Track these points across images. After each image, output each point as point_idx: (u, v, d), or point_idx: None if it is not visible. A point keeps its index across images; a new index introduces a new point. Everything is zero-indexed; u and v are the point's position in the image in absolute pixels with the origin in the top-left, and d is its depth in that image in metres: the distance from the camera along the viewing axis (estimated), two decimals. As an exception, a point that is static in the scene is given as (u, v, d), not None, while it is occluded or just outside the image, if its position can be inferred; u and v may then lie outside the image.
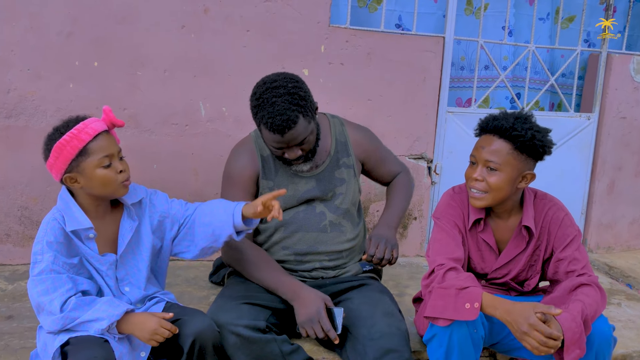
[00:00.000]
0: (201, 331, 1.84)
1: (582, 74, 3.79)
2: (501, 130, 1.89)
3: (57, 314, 1.76)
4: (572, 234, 2.01)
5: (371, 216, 3.36)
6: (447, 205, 2.08)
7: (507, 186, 1.93)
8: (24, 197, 2.87)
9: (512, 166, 1.90)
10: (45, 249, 1.81)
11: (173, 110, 2.97)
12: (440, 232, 2.03)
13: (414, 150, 3.35)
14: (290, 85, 2.04)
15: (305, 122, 2.06)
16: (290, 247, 2.25)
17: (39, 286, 1.78)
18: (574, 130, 3.65)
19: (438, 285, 1.84)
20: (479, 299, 1.74)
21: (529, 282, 2.12)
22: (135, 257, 2.00)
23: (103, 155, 1.82)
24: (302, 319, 2.03)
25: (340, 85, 3.16)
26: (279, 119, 1.99)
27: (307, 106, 2.06)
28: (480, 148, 1.95)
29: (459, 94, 3.77)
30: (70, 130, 1.80)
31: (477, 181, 1.95)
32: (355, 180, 2.33)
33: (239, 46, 2.98)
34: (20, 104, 2.79)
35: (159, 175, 2.99)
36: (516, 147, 1.89)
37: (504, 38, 3.49)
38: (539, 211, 2.05)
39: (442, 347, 1.85)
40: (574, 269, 1.97)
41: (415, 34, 3.26)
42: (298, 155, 2.12)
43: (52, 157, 1.81)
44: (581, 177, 3.75)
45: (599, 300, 1.87)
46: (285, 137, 2.04)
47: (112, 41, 2.84)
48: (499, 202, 1.98)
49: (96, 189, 1.86)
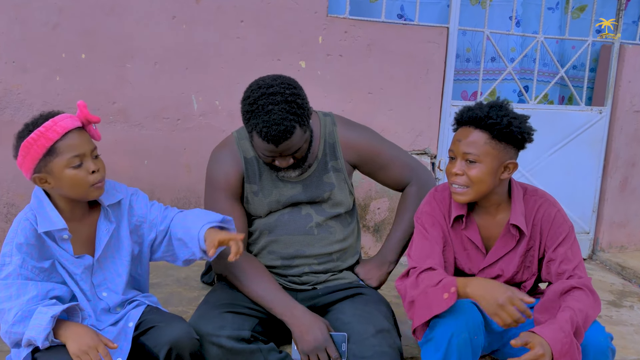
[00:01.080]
0: (178, 339, 1.75)
1: (593, 66, 3.68)
2: (476, 120, 1.82)
3: (7, 325, 1.67)
4: (564, 232, 1.92)
5: (372, 214, 3.26)
6: (426, 204, 2.02)
7: (488, 178, 1.85)
8: (9, 194, 2.80)
9: (491, 156, 1.83)
10: (14, 251, 1.72)
11: (164, 104, 2.89)
12: (419, 233, 1.97)
13: (416, 146, 3.25)
14: (288, 92, 1.91)
15: (301, 132, 1.94)
16: (276, 251, 2.14)
17: (3, 292, 1.70)
18: (585, 124, 3.52)
19: (413, 292, 1.80)
20: (455, 284, 1.73)
21: (526, 285, 2.03)
22: (115, 261, 1.91)
23: (73, 155, 1.71)
24: (307, 346, 1.92)
25: (339, 78, 3.06)
26: (274, 129, 1.87)
27: (304, 115, 1.95)
28: (457, 141, 1.88)
29: (464, 86, 3.66)
30: (38, 127, 1.70)
31: (457, 176, 1.88)
32: (346, 184, 2.19)
33: (233, 37, 2.90)
34: (5, 98, 2.72)
35: (150, 172, 2.92)
36: (493, 136, 1.82)
37: (511, 28, 3.38)
38: (530, 208, 1.96)
39: (439, 351, 1.77)
40: (565, 269, 1.88)
41: (417, 25, 3.16)
42: (290, 164, 2.01)
43: (20, 156, 1.72)
44: (592, 174, 3.63)
45: (591, 304, 1.79)
46: (279, 148, 1.93)
47: (100, 32, 2.76)
48: (482, 195, 1.90)
49: (66, 190, 1.76)
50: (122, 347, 1.78)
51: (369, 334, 1.91)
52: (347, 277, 2.19)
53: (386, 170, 2.25)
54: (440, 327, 1.79)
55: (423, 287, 1.77)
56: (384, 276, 2.23)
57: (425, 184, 2.27)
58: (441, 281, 1.75)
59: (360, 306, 2.03)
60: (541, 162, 3.47)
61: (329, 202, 2.16)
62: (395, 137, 3.07)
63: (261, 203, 2.13)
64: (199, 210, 1.97)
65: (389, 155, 2.24)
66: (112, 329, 1.83)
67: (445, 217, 1.99)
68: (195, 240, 1.86)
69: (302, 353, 1.93)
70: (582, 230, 3.67)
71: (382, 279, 2.22)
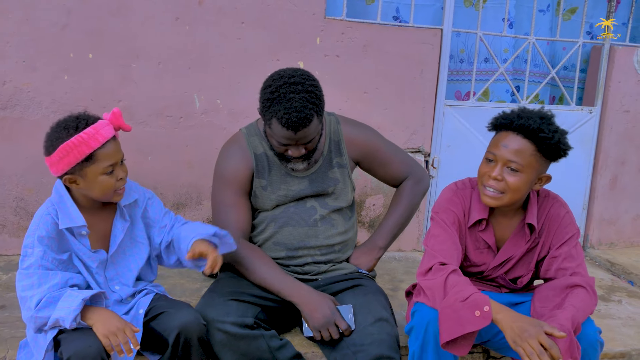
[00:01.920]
0: (186, 324, 1.82)
1: (584, 67, 3.74)
2: (527, 130, 1.79)
3: (31, 311, 1.75)
4: (570, 232, 1.96)
5: (367, 210, 3.34)
6: (448, 201, 2.00)
7: (525, 188, 1.85)
8: (19, 188, 2.88)
9: (533, 168, 1.82)
10: (36, 243, 1.80)
11: (167, 103, 2.97)
12: (438, 227, 1.98)
13: (411, 144, 3.32)
14: (308, 83, 2.01)
15: (317, 122, 2.03)
16: (281, 242, 2.22)
17: (25, 280, 1.78)
18: (576, 124, 3.59)
19: (443, 305, 1.77)
20: (488, 303, 1.70)
21: (522, 280, 2.08)
22: (127, 257, 2.00)
23: (109, 163, 1.81)
24: (318, 322, 2.01)
25: (336, 77, 3.13)
26: (295, 116, 1.95)
27: (321, 106, 2.04)
28: (502, 146, 1.84)
29: (458, 87, 3.73)
30: (80, 133, 1.76)
31: (495, 180, 1.86)
32: (349, 180, 2.29)
33: (234, 38, 2.97)
34: (15, 96, 2.80)
35: (153, 168, 2.99)
36: (539, 149, 1.81)
37: (504, 30, 3.45)
38: (542, 209, 2.00)
39: (418, 339, 1.83)
40: (567, 266, 1.92)
41: (412, 26, 3.23)
42: (301, 154, 2.09)
43: (56, 156, 1.77)
44: (583, 172, 3.70)
45: (591, 304, 1.84)
46: (297, 135, 2.00)
47: (107, 33, 2.84)
48: (515, 203, 1.91)
49: (93, 193, 1.85)
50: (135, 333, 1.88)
51: (367, 322, 1.99)
52: (347, 267, 2.28)
53: (385, 167, 2.36)
54: (418, 316, 1.85)
55: (452, 300, 1.73)
56: (373, 262, 2.32)
57: (420, 179, 2.39)
58: (470, 297, 1.71)
59: (359, 297, 2.11)
60: (533, 160, 3.54)
61: (332, 196, 2.25)
62: (390, 136, 3.14)
63: (269, 197, 2.21)
64: (199, 224, 2.04)
65: (388, 152, 2.36)
66: (125, 317, 1.90)
67: (465, 215, 2.00)
68: (184, 249, 1.95)
69: (314, 329, 2.02)
70: (573, 227, 3.74)
71: (370, 265, 2.31)
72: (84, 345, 1.67)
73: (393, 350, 1.93)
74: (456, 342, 1.74)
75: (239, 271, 2.17)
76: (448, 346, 1.74)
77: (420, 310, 1.85)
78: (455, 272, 1.83)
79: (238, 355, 1.93)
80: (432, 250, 1.93)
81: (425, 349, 1.83)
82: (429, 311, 1.82)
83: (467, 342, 1.73)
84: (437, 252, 1.91)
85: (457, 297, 1.73)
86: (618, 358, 2.44)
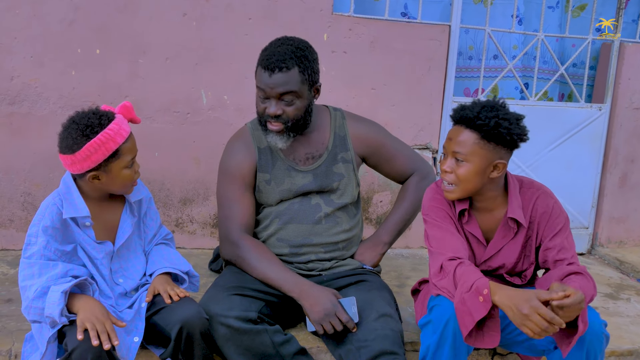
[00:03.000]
0: (188, 318, 1.82)
1: (593, 64, 3.71)
2: (467, 119, 1.84)
3: (28, 300, 1.76)
4: (561, 223, 1.97)
5: (374, 206, 3.33)
6: (431, 199, 2.03)
7: (475, 177, 1.88)
8: (26, 183, 2.90)
9: (479, 156, 1.85)
10: (40, 233, 1.81)
11: (174, 98, 2.97)
12: (432, 227, 1.98)
13: (418, 141, 3.31)
14: (302, 45, 2.10)
15: (298, 76, 2.04)
16: (285, 239, 2.22)
17: (26, 270, 1.79)
18: (585, 121, 3.57)
19: (455, 301, 1.77)
20: (487, 285, 1.70)
21: (526, 274, 2.08)
22: (130, 252, 2.02)
23: (131, 157, 1.85)
24: (318, 316, 2.00)
25: (343, 74, 3.13)
26: (274, 58, 2.02)
27: (307, 66, 2.07)
28: (448, 139, 1.91)
29: (467, 84, 3.72)
30: (105, 130, 1.77)
31: (446, 173, 1.91)
32: (354, 175, 2.28)
33: (241, 34, 2.97)
34: (23, 91, 2.81)
35: (160, 164, 3.00)
36: (482, 137, 1.84)
37: (513, 26, 3.43)
38: (527, 200, 1.99)
39: (435, 334, 1.82)
40: (562, 257, 1.93)
41: (420, 22, 3.22)
42: (277, 114, 2.07)
43: (82, 155, 1.76)
44: (592, 170, 3.67)
45: (590, 287, 1.83)
46: (272, 79, 2.03)
47: (114, 29, 2.85)
48: (469, 193, 1.93)
49: (114, 187, 1.88)
50: (138, 326, 1.88)
51: (371, 318, 1.98)
52: (351, 263, 2.28)
53: (391, 162, 2.35)
54: (438, 311, 1.83)
55: (459, 293, 1.75)
56: (377, 257, 2.32)
57: (426, 175, 2.39)
58: (473, 285, 1.72)
59: (363, 292, 2.10)
60: (541, 157, 3.53)
61: (337, 192, 2.24)
62: (397, 132, 3.13)
63: (273, 191, 2.21)
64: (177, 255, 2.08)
65: (394, 148, 2.36)
66: (129, 311, 1.92)
67: (451, 209, 2.01)
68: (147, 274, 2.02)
69: (315, 323, 2.00)
70: (581, 225, 3.72)
71: (374, 260, 2.31)
72: (87, 337, 1.67)
73: (397, 345, 1.92)
74: (482, 334, 1.73)
75: (241, 267, 2.17)
76: (474, 340, 1.74)
77: (440, 305, 1.83)
78: (461, 264, 1.83)
79: (241, 350, 1.92)
80: (435, 249, 1.93)
81: (442, 344, 1.81)
82: (450, 306, 1.80)
83: (494, 331, 1.73)
84: (440, 248, 1.91)
85: (463, 289, 1.75)
86: (626, 356, 2.42)
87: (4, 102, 2.80)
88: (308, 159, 2.24)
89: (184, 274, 2.02)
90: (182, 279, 2.04)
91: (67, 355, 1.67)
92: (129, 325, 1.86)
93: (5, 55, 2.77)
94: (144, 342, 1.97)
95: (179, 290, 1.92)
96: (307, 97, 2.11)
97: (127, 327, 1.85)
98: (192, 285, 2.08)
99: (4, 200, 2.89)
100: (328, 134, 2.26)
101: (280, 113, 2.08)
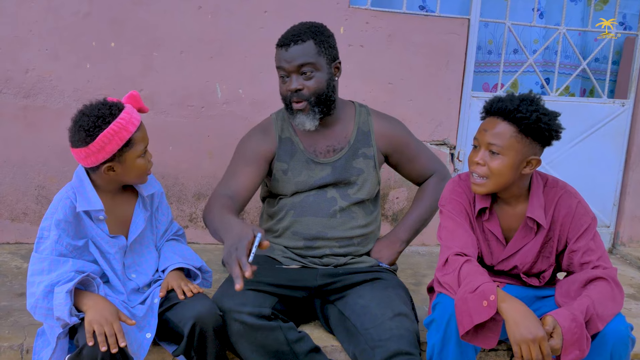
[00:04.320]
0: (201, 314, 1.80)
1: (616, 59, 3.63)
2: (505, 112, 1.79)
3: (34, 297, 1.74)
4: (586, 223, 1.90)
5: (390, 203, 3.29)
6: (452, 192, 1.99)
7: (509, 171, 1.83)
8: (40, 177, 2.90)
9: (515, 150, 1.81)
10: (53, 227, 1.80)
11: (189, 92, 2.96)
12: (447, 219, 1.96)
13: (436, 136, 3.26)
14: (316, 24, 2.13)
15: (314, 47, 2.06)
16: (299, 232, 2.19)
17: (37, 265, 1.77)
18: (607, 117, 3.49)
19: (456, 298, 1.75)
20: (494, 292, 1.67)
21: (544, 275, 2.03)
22: (143, 247, 2.00)
23: (144, 145, 1.84)
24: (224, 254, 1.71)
25: (360, 68, 3.09)
26: (289, 34, 2.07)
27: (323, 40, 2.09)
28: (483, 131, 1.85)
29: (486, 78, 3.66)
30: (117, 119, 1.76)
31: (478, 165, 1.86)
32: (375, 173, 2.25)
33: (256, 27, 2.94)
34: (38, 84, 2.81)
35: (174, 157, 2.99)
36: (520, 130, 1.79)
37: (534, 20, 3.36)
38: (550, 200, 1.94)
39: (439, 332, 1.79)
40: (588, 260, 1.86)
41: (438, 16, 3.17)
42: (297, 89, 2.07)
43: (96, 146, 1.75)
44: (614, 167, 3.59)
45: (614, 296, 1.77)
46: (289, 52, 2.05)
47: (129, 22, 2.84)
48: (500, 188, 1.88)
49: (129, 178, 1.87)
50: (151, 322, 1.86)
51: (386, 317, 1.94)
52: (367, 260, 2.24)
53: (413, 163, 2.34)
54: (440, 309, 1.81)
55: (462, 291, 1.72)
56: (394, 255, 2.29)
57: (444, 177, 2.38)
58: (479, 287, 1.70)
59: (378, 290, 2.07)
60: (562, 154, 3.46)
61: (355, 187, 2.22)
62: (415, 127, 3.09)
63: (289, 182, 2.19)
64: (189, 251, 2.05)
65: (416, 149, 2.35)
66: (142, 307, 1.90)
67: (470, 205, 1.97)
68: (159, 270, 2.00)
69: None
70: (603, 224, 3.65)
71: (391, 258, 2.28)
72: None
73: (413, 346, 1.88)
74: (480, 334, 1.71)
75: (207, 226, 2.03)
76: (470, 338, 1.72)
77: (442, 303, 1.81)
78: (468, 262, 1.81)
79: (255, 346, 1.90)
80: (445, 242, 1.91)
81: (447, 342, 1.78)
82: (452, 304, 1.77)
83: (492, 333, 1.70)
84: (449, 242, 1.89)
85: (467, 289, 1.72)
86: (649, 358, 2.36)
87: (19, 95, 2.80)
88: (329, 151, 2.21)
89: (196, 270, 2.00)
90: (194, 274, 2.02)
91: (78, 352, 1.66)
92: (141, 321, 1.84)
93: (20, 48, 2.76)
94: (156, 338, 1.95)
95: (193, 286, 1.90)
96: (327, 71, 2.12)
97: (139, 324, 1.83)
98: (204, 281, 2.06)
99: (18, 194, 2.89)
100: (351, 128, 2.24)
101: (300, 87, 2.08)
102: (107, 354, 1.64)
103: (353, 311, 2.03)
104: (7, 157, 2.85)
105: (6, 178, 2.87)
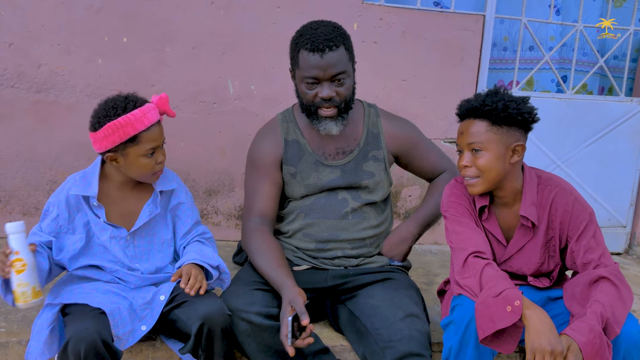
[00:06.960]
0: (210, 314, 1.79)
1: (635, 56, 3.57)
2: (474, 110, 1.84)
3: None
4: (585, 220, 1.88)
5: (403, 201, 3.26)
6: (451, 195, 1.99)
7: (496, 164, 1.84)
8: (52, 172, 2.90)
9: (495, 142, 1.82)
10: (55, 203, 1.90)
11: (201, 88, 2.94)
12: (453, 222, 1.94)
13: (449, 134, 3.23)
14: (337, 25, 2.05)
15: (346, 55, 2.01)
16: (311, 234, 2.16)
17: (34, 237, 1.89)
18: (624, 115, 3.43)
19: (477, 302, 1.73)
20: (519, 297, 1.65)
21: (553, 275, 2.01)
22: (151, 244, 2.01)
23: (151, 146, 1.85)
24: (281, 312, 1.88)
25: (373, 64, 3.05)
26: (321, 38, 1.96)
27: (349, 44, 2.05)
28: (460, 134, 1.90)
29: (501, 75, 3.61)
30: (127, 114, 1.80)
31: (466, 168, 1.87)
32: (386, 175, 2.22)
33: (269, 23, 2.92)
34: (50, 79, 2.81)
35: (185, 153, 2.97)
36: (493, 122, 1.82)
37: (550, 17, 3.31)
38: (545, 198, 1.92)
39: (457, 334, 1.77)
40: (590, 258, 1.84)
41: (453, 12, 3.13)
42: (331, 97, 2.01)
43: (101, 134, 1.81)
44: (631, 166, 3.54)
45: (622, 296, 1.74)
46: (324, 59, 1.96)
47: (141, 17, 2.83)
48: (495, 183, 1.88)
49: (131, 173, 1.90)
50: (150, 316, 1.86)
51: (397, 318, 1.91)
52: (378, 260, 2.22)
53: (423, 162, 2.32)
54: (460, 311, 1.79)
55: (485, 296, 1.71)
56: (405, 251, 2.26)
57: (455, 174, 2.34)
58: (503, 292, 1.68)
59: (389, 291, 2.04)
60: (578, 152, 3.41)
61: (367, 189, 2.19)
62: (428, 125, 3.07)
63: (298, 185, 2.16)
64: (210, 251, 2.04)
65: (427, 147, 2.33)
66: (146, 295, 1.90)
67: (471, 205, 1.97)
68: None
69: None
70: (619, 224, 3.59)
71: (403, 253, 2.25)
72: (81, 327, 1.69)
73: (424, 347, 1.85)
74: (500, 339, 1.69)
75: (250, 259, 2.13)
76: (489, 342, 1.70)
77: (462, 305, 1.78)
78: (489, 266, 1.79)
79: (262, 346, 1.88)
80: (457, 245, 1.90)
81: (465, 345, 1.76)
82: (472, 306, 1.75)
83: (512, 339, 1.69)
84: (462, 243, 1.88)
85: (489, 293, 1.70)
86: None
87: (31, 90, 2.80)
88: (338, 154, 2.18)
89: (213, 269, 1.97)
90: (210, 275, 1.99)
91: (64, 347, 1.68)
92: (141, 311, 1.86)
93: (33, 43, 2.76)
94: (162, 337, 1.96)
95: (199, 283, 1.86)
96: (353, 75, 2.09)
97: (139, 314, 1.85)
98: (220, 281, 2.04)
99: (29, 188, 2.90)
100: (361, 130, 2.21)
101: (333, 95, 2.02)
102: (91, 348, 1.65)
103: (363, 311, 2.00)
104: (19, 151, 2.86)
105: (18, 173, 2.88)
